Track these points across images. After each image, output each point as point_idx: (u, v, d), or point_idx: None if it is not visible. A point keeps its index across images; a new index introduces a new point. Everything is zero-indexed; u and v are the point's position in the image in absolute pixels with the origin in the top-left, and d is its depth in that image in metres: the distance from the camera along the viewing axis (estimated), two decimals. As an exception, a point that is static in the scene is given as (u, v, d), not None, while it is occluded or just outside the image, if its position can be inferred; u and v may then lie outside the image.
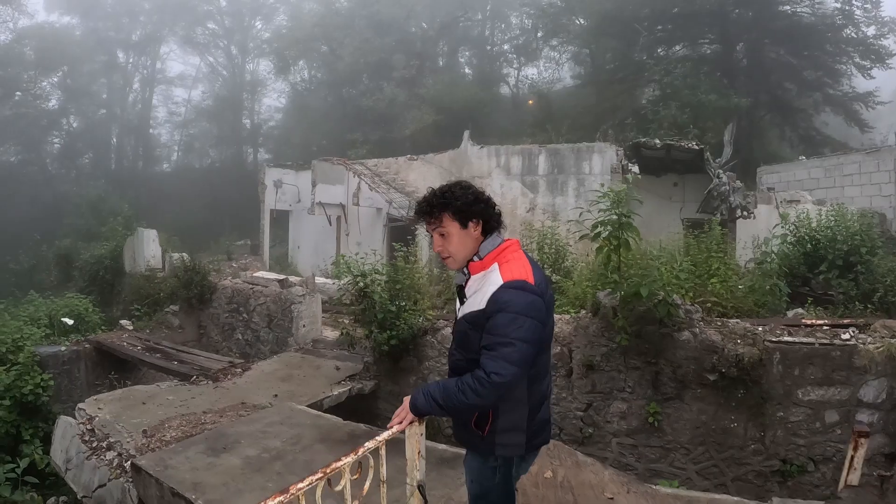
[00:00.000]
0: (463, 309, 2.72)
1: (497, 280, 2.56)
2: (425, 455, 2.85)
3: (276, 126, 42.81)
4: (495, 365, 2.44)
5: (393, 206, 17.30)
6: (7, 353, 10.44)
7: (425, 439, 2.90)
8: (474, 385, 2.46)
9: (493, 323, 2.50)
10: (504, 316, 2.48)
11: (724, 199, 12.90)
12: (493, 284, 2.56)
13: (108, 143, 42.98)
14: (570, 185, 16.50)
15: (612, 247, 6.53)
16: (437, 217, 2.71)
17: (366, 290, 8.54)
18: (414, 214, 2.89)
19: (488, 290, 2.56)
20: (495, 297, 2.52)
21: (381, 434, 2.71)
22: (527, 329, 2.49)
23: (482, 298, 2.57)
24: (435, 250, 2.80)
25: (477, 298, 2.61)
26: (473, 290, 2.67)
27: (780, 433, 5.88)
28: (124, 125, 43.14)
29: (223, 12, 42.31)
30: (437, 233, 2.73)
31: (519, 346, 2.46)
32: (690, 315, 6.26)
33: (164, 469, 4.74)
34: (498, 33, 36.54)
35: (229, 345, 12.18)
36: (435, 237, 2.76)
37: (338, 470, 2.44)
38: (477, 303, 2.60)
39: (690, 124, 20.36)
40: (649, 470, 6.29)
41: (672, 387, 6.22)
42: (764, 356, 5.89)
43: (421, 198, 2.81)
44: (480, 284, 2.64)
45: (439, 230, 2.72)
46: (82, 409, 7.10)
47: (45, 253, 22.48)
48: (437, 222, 2.72)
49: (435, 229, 2.74)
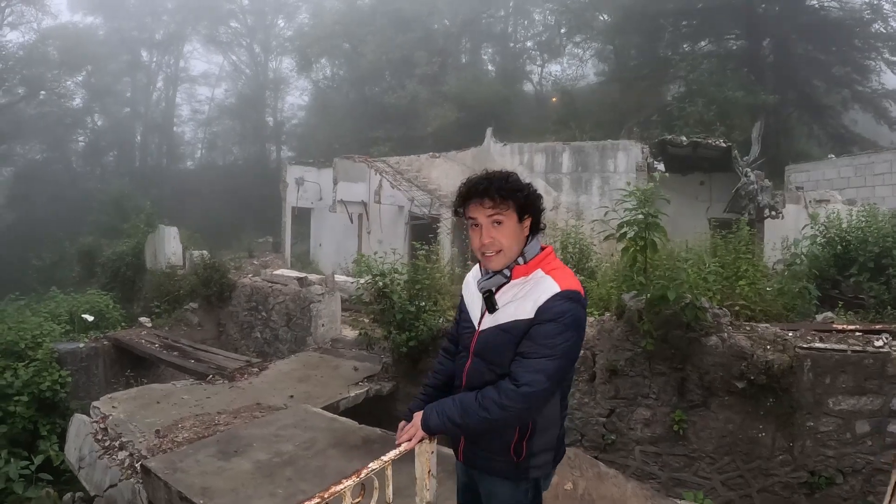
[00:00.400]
0: (496, 318, 2.42)
1: (552, 287, 2.32)
2: (436, 473, 2.66)
3: (298, 124, 42.98)
4: (529, 376, 2.23)
5: (415, 204, 17.16)
6: (26, 349, 10.47)
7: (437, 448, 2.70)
8: (499, 399, 2.24)
9: (540, 331, 2.28)
10: (554, 326, 2.26)
11: (752, 199, 12.61)
12: (547, 292, 2.31)
13: (133, 141, 43.48)
14: (595, 184, 16.24)
15: (637, 247, 6.29)
16: (497, 201, 2.35)
17: (385, 290, 8.40)
18: (462, 195, 2.43)
19: (540, 297, 2.30)
20: (549, 306, 2.28)
21: (388, 454, 2.47)
22: (572, 345, 2.31)
23: (530, 306, 2.31)
24: (482, 242, 2.39)
25: (522, 306, 2.34)
26: (512, 296, 2.40)
27: (808, 444, 5.61)
28: (148, 123, 43.59)
29: (246, 11, 42.59)
30: (491, 220, 2.36)
31: (560, 361, 2.27)
32: (718, 319, 6.01)
33: (173, 472, 4.63)
34: (521, 30, 36.33)
35: (248, 343, 12.10)
36: (485, 226, 2.37)
37: (337, 494, 2.22)
38: (522, 311, 2.33)
39: (717, 121, 20.07)
40: (672, 479, 6.07)
41: (698, 394, 5.97)
42: (794, 363, 5.62)
43: (473, 177, 2.45)
44: (525, 291, 2.37)
45: (496, 216, 2.36)
46: (97, 408, 7.05)
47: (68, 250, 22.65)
48: (495, 207, 2.35)
49: (491, 216, 2.36)
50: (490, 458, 2.47)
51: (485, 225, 2.37)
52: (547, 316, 2.26)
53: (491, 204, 2.35)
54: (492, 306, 2.43)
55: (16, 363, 10.05)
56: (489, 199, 2.34)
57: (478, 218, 2.38)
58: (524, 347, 2.28)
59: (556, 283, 2.32)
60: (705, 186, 16.04)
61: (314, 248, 21.93)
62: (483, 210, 2.36)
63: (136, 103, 43.66)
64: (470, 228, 2.44)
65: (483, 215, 2.36)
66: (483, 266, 2.51)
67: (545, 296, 2.29)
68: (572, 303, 2.30)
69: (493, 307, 2.43)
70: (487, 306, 2.45)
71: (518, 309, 2.34)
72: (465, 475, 2.73)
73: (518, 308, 2.34)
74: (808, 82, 25.02)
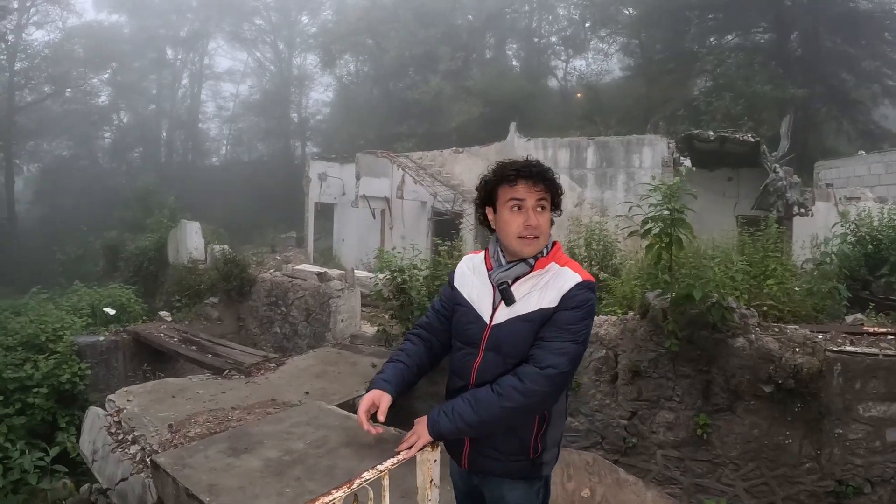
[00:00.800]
0: (514, 309, 2.37)
1: (574, 277, 2.35)
2: (439, 482, 2.49)
3: (323, 120, 43.11)
4: (554, 358, 2.23)
5: (437, 199, 17.01)
6: (47, 341, 10.62)
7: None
8: (521, 384, 2.21)
9: (564, 317, 2.29)
10: (576, 313, 2.29)
11: (780, 196, 12.31)
12: (570, 281, 2.34)
13: (158, 137, 43.82)
14: (620, 179, 16.01)
15: (663, 244, 6.07)
16: (544, 185, 2.37)
17: (403, 286, 8.29)
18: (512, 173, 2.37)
19: (564, 286, 2.33)
20: (574, 294, 2.31)
21: (385, 462, 2.31)
22: (588, 333, 2.34)
23: (553, 295, 2.32)
24: (529, 223, 2.34)
25: (545, 295, 2.34)
26: (530, 287, 2.38)
27: (836, 451, 5.36)
28: (174, 120, 43.96)
29: (269, 8, 42.71)
30: (539, 203, 2.35)
31: (581, 347, 2.30)
32: (746, 320, 5.78)
33: (181, 468, 4.54)
34: (545, 25, 36.04)
35: (267, 338, 12.07)
36: (532, 208, 2.34)
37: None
38: (546, 300, 2.33)
39: (745, 116, 19.73)
40: (695, 485, 5.86)
41: (724, 397, 5.74)
42: (824, 367, 5.38)
43: (516, 160, 2.44)
44: (544, 282, 2.37)
45: (543, 201, 2.37)
46: (112, 401, 7.01)
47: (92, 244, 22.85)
48: (545, 192, 2.37)
49: (540, 199, 2.36)
50: (503, 460, 2.41)
51: (532, 207, 2.34)
52: (572, 303, 2.29)
53: (543, 187, 2.36)
54: (510, 298, 2.38)
55: (36, 355, 10.18)
56: (542, 182, 2.36)
57: (526, 199, 2.34)
58: (546, 333, 2.28)
59: (577, 273, 2.36)
60: (733, 182, 15.74)
61: (337, 243, 21.94)
62: (534, 192, 2.35)
63: (161, 100, 43.99)
64: (506, 209, 2.38)
65: (533, 197, 2.34)
66: (512, 251, 2.41)
67: (569, 284, 2.32)
68: (591, 292, 2.36)
69: (511, 299, 2.38)
70: (504, 298, 2.39)
71: (542, 298, 2.33)
72: (465, 483, 2.64)
73: (541, 297, 2.34)
74: (836, 76, 24.46)
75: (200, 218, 17.84)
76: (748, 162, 14.22)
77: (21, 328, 10.92)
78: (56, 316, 11.62)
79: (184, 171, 39.92)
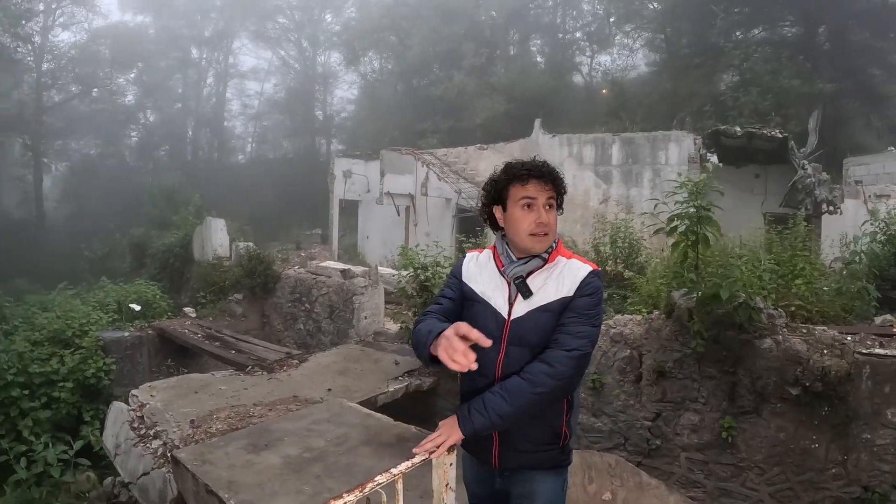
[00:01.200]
0: (532, 301, 2.46)
1: (585, 267, 2.49)
2: (455, 486, 2.44)
3: (348, 117, 43.23)
4: (577, 341, 2.35)
5: (462, 196, 16.95)
6: (73, 336, 10.76)
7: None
8: (550, 369, 2.30)
9: (580, 303, 2.42)
10: (591, 300, 2.43)
11: (809, 193, 12.11)
12: (583, 270, 2.47)
13: (184, 135, 44.24)
14: (646, 176, 15.83)
15: (689, 242, 5.97)
16: (553, 185, 2.49)
17: (426, 283, 8.26)
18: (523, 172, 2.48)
19: (578, 275, 2.46)
20: (588, 282, 2.45)
21: (399, 465, 2.26)
22: (601, 316, 2.49)
23: (567, 285, 2.44)
24: (540, 220, 2.44)
25: (562, 285, 2.45)
26: (544, 280, 2.48)
27: (864, 457, 5.20)
28: (199, 118, 44.33)
29: (293, 7, 42.87)
30: (548, 202, 2.47)
31: (597, 329, 2.45)
32: (773, 320, 5.64)
33: (201, 464, 4.54)
34: (569, 20, 35.79)
35: (291, 335, 12.11)
36: (542, 207, 2.45)
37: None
38: (563, 289, 2.44)
39: (772, 111, 19.40)
40: (718, 489, 5.73)
41: (749, 400, 5.60)
42: (853, 370, 5.22)
43: (524, 160, 2.54)
44: (557, 273, 2.49)
45: (552, 199, 2.49)
46: (135, 396, 7.06)
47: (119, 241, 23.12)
48: (554, 191, 2.49)
49: (550, 198, 2.48)
50: (536, 451, 2.49)
51: (542, 205, 2.45)
52: (587, 291, 2.43)
53: (552, 186, 2.48)
54: (527, 291, 2.46)
55: (62, 350, 10.32)
56: (551, 181, 2.48)
57: (538, 198, 2.45)
58: (566, 319, 2.39)
59: (585, 263, 2.51)
60: (760, 179, 15.54)
61: (361, 240, 21.99)
62: (544, 191, 2.46)
63: (187, 99, 44.42)
64: (517, 207, 2.47)
65: (544, 196, 2.46)
66: (523, 248, 2.49)
67: (582, 273, 2.45)
68: (601, 280, 2.50)
69: (528, 292, 2.46)
70: (521, 291, 2.47)
71: (559, 288, 2.45)
72: (485, 486, 2.65)
73: (559, 287, 2.45)
74: (865, 71, 23.95)
75: (226, 215, 17.94)
76: (776, 158, 14.00)
77: (48, 323, 11.08)
78: (82, 312, 11.77)
79: (209, 169, 40.22)
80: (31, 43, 34.33)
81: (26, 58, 34.44)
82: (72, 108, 38.57)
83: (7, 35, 28.78)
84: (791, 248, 7.78)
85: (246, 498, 4.02)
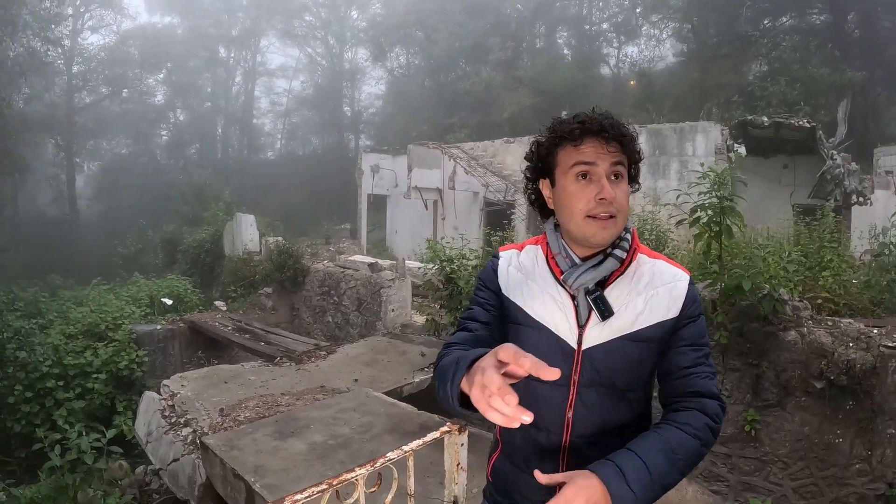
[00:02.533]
0: (617, 326, 1.65)
1: (678, 273, 1.70)
2: (466, 467, 2.40)
3: (376, 113, 43.40)
4: (714, 385, 1.68)
5: (489, 189, 16.92)
6: (107, 330, 11.00)
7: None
8: (714, 424, 1.62)
9: (694, 331, 1.68)
10: (702, 322, 1.72)
11: (838, 184, 11.89)
12: (679, 279, 1.69)
13: (214, 133, 44.76)
14: (673, 168, 15.64)
15: (712, 234, 5.88)
16: (619, 146, 1.62)
17: (452, 275, 8.27)
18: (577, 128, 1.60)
19: (676, 288, 1.67)
20: (694, 296, 1.69)
21: (411, 443, 2.18)
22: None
23: (665, 301, 1.66)
24: (603, 196, 1.57)
25: (659, 301, 1.66)
26: (628, 291, 1.67)
27: (889, 453, 5.06)
28: (229, 116, 44.80)
29: (319, 4, 43.11)
30: (614, 169, 1.61)
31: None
32: (798, 312, 5.54)
33: (229, 450, 4.62)
34: (596, 12, 35.43)
35: (320, 327, 12.21)
36: (605, 176, 1.59)
37: (349, 481, 1.91)
38: (661, 308, 1.65)
39: (801, 101, 19.06)
40: (742, 483, 5.63)
41: (774, 393, 5.52)
42: (878, 364, 5.11)
43: (582, 113, 1.65)
44: (644, 280, 1.68)
45: (620, 166, 1.62)
46: (166, 386, 7.21)
47: (151, 238, 23.48)
48: (618, 153, 1.62)
49: (616, 163, 1.61)
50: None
51: (606, 174, 1.60)
52: (695, 310, 1.69)
53: (618, 147, 1.62)
54: (607, 310, 1.64)
55: (96, 343, 10.56)
56: (617, 141, 1.61)
57: (597, 163, 1.60)
58: (689, 354, 1.67)
59: (677, 268, 1.72)
60: (789, 170, 15.29)
61: (390, 234, 22.09)
62: (607, 153, 1.60)
63: (216, 98, 44.90)
64: (569, 179, 1.63)
65: (606, 161, 1.60)
66: (580, 237, 1.66)
67: (682, 285, 1.68)
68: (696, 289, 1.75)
69: (609, 310, 1.64)
70: (599, 310, 1.64)
71: (653, 304, 1.65)
72: None
73: (652, 303, 1.66)
74: (895, 59, 23.53)
75: (256, 211, 18.14)
76: (805, 149, 13.79)
77: (82, 317, 11.34)
78: (116, 306, 12.01)
79: (239, 166, 40.67)
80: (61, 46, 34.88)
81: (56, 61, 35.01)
82: (103, 109, 39.26)
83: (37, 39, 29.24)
84: (819, 239, 7.66)
85: (272, 482, 4.08)
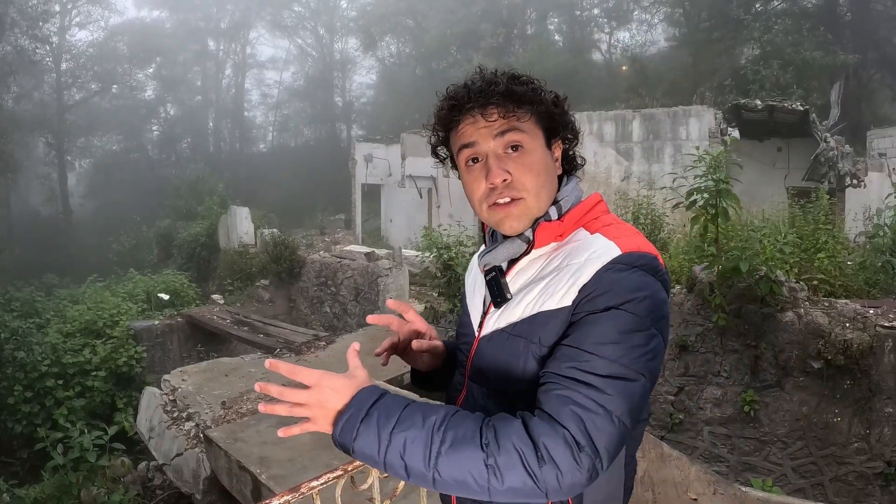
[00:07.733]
0: (506, 314, 1.32)
1: (608, 249, 1.23)
2: None
3: (368, 102, 43.30)
4: (572, 413, 1.09)
5: (484, 176, 16.97)
6: (104, 327, 11.04)
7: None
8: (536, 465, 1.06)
9: (591, 331, 1.16)
10: (618, 317, 1.16)
11: (832, 166, 11.97)
12: (598, 258, 1.22)
13: (206, 127, 44.49)
14: (667, 152, 15.67)
15: (708, 216, 5.95)
16: (508, 108, 1.30)
17: (449, 262, 8.35)
18: (447, 112, 1.39)
19: (586, 267, 1.22)
20: (610, 279, 1.19)
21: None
22: (653, 349, 1.18)
23: (565, 288, 1.23)
24: (492, 182, 1.30)
25: (553, 287, 1.25)
26: (535, 274, 1.32)
27: (886, 431, 5.19)
28: (220, 110, 44.56)
29: (308, -5, 42.87)
30: (504, 142, 1.31)
31: (633, 385, 1.13)
32: (795, 294, 5.64)
33: (233, 442, 4.69)
34: (587, -3, 35.40)
35: (317, 318, 12.28)
36: (493, 157, 1.31)
37: (363, 467, 1.72)
38: (553, 295, 1.24)
39: (794, 84, 19.10)
40: (742, 463, 5.76)
41: (772, 373, 5.62)
42: (875, 343, 5.21)
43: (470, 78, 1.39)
44: (556, 263, 1.29)
45: (512, 133, 1.31)
46: (167, 381, 7.28)
47: (145, 233, 23.43)
48: (507, 117, 1.31)
49: (501, 133, 1.30)
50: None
51: (492, 154, 1.31)
52: (611, 300, 1.17)
53: (502, 112, 1.30)
54: (500, 294, 1.34)
55: (94, 341, 10.60)
56: (494, 105, 1.30)
57: (478, 143, 1.32)
58: (570, 363, 1.15)
59: (613, 242, 1.25)
60: (783, 153, 15.33)
61: (385, 223, 22.08)
62: (486, 126, 1.31)
63: (206, 91, 44.66)
64: (464, 171, 1.38)
65: (487, 136, 1.31)
66: (492, 228, 1.43)
67: (596, 262, 1.22)
68: (642, 274, 1.21)
69: (502, 296, 1.34)
70: (492, 294, 1.36)
71: (551, 292, 1.25)
72: None
73: (551, 290, 1.26)
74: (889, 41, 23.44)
75: (250, 204, 18.15)
76: (798, 132, 13.83)
77: (79, 315, 11.37)
78: (112, 303, 12.04)
79: (232, 160, 40.57)
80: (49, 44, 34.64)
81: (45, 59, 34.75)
82: (93, 106, 39.02)
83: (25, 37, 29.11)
84: (814, 221, 7.77)
85: (277, 473, 4.14)
